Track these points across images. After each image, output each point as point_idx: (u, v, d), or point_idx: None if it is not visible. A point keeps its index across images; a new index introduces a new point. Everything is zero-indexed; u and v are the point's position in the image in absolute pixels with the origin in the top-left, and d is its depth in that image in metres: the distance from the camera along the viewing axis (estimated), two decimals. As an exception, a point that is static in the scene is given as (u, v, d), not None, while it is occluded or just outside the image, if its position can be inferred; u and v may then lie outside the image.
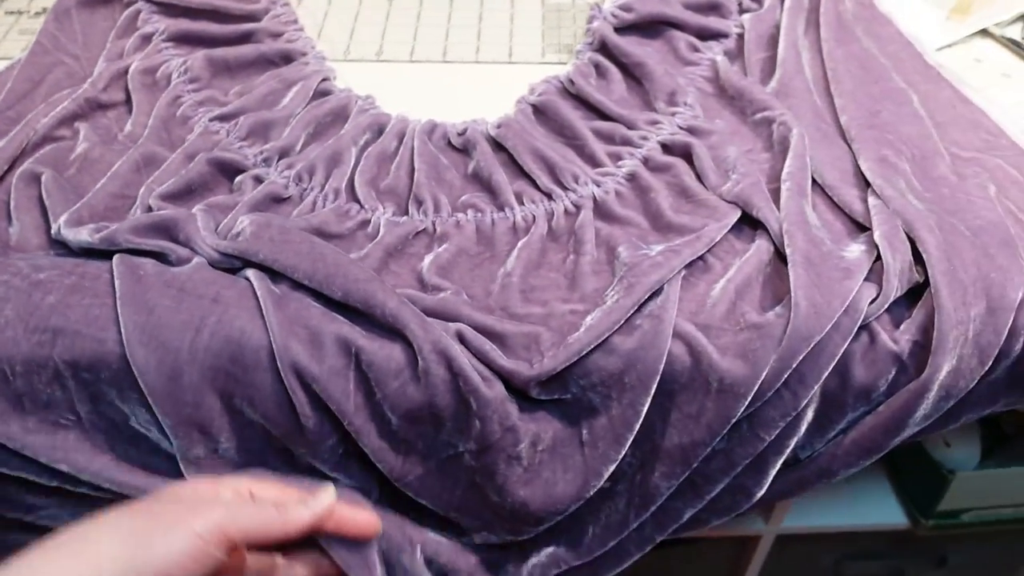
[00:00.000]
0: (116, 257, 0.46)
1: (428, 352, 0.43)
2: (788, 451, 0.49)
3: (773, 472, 0.50)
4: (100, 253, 0.48)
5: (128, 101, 0.60)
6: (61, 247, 0.50)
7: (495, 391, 0.44)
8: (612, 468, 0.46)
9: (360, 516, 0.43)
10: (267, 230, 0.47)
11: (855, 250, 0.49)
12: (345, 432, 0.45)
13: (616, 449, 0.46)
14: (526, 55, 0.67)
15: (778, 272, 0.49)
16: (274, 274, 0.46)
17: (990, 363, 0.46)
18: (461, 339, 0.45)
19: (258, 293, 0.45)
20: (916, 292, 0.48)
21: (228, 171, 0.55)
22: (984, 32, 0.69)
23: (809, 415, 0.48)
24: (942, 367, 0.45)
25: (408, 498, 0.48)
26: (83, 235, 0.48)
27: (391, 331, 0.45)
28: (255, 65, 0.63)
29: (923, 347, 0.46)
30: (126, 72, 0.61)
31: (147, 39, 0.64)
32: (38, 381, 0.44)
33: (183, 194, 0.53)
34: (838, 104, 0.58)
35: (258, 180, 0.54)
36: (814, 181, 0.53)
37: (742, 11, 0.66)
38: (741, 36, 0.64)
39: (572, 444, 0.47)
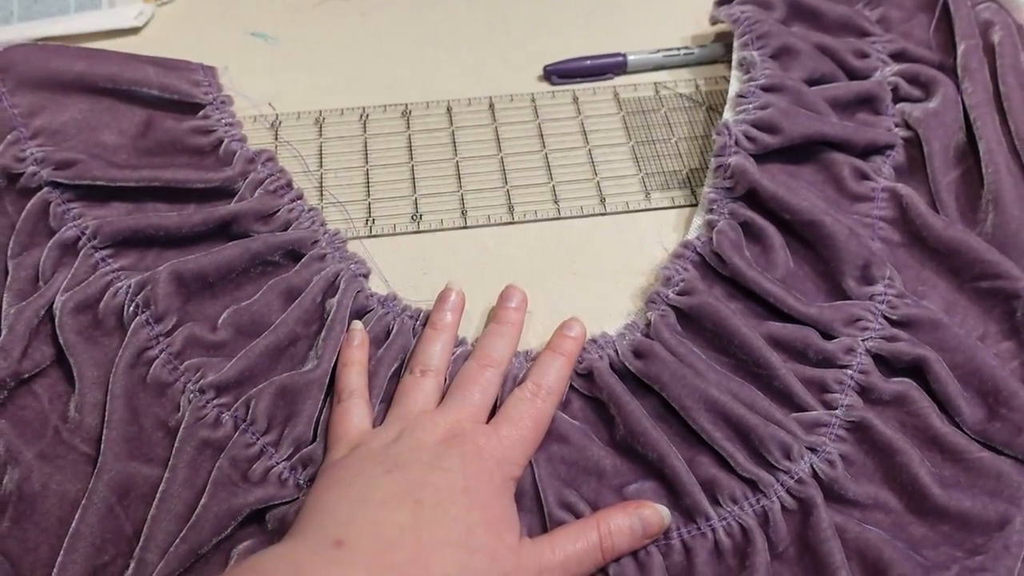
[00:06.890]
0: None
1: None
2: None
3: None
4: None
5: (61, 358, 0.40)
6: None
7: None
8: None
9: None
10: None
11: None
12: None
13: None
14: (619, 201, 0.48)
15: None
16: None
17: None
18: None
19: None
20: None
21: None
22: None
23: None
24: None
25: None
26: None
27: None
28: (247, 273, 0.42)
29: None
30: (48, 313, 0.40)
31: (69, 247, 0.42)
32: None
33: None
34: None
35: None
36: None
37: (897, 99, 0.49)
38: (907, 141, 0.47)
39: None
